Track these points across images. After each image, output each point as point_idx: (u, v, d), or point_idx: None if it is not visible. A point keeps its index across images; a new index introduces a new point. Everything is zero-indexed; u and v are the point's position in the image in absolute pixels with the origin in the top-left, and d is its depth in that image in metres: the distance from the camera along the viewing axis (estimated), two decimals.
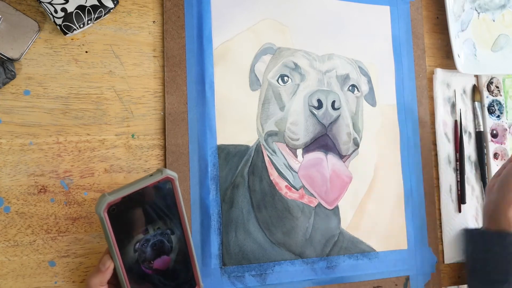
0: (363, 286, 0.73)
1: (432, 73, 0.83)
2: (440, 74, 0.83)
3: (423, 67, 0.82)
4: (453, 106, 0.85)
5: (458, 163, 0.83)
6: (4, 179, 0.59)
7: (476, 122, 0.85)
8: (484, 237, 0.73)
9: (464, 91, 0.86)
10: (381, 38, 0.80)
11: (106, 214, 0.48)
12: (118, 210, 0.49)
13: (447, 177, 0.82)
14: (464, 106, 0.85)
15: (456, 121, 0.84)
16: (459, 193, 0.82)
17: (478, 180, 0.84)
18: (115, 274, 0.53)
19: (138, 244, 0.52)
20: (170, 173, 0.51)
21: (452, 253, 0.80)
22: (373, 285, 0.74)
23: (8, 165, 0.59)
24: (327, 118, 0.73)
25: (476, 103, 0.86)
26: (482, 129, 0.85)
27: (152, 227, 0.52)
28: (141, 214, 0.51)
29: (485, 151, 0.85)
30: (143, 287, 0.53)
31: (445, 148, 0.82)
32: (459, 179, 0.82)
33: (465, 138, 0.84)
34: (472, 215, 0.82)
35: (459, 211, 0.81)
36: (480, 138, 0.85)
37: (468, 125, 0.85)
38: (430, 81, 0.83)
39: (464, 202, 0.82)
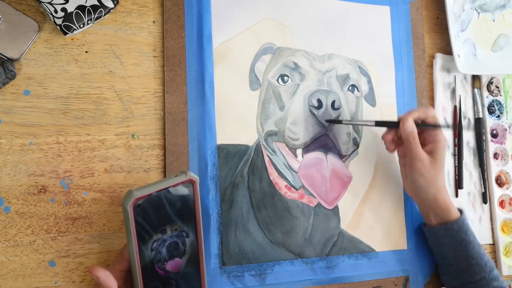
0: (363, 286, 0.73)
1: (432, 73, 0.83)
2: (440, 59, 0.84)
3: (423, 67, 0.82)
4: (453, 92, 0.85)
5: (456, 148, 0.83)
6: (4, 179, 0.59)
7: (476, 108, 0.86)
8: (434, 233, 0.74)
9: (465, 77, 0.86)
10: (381, 38, 0.80)
11: (131, 209, 0.49)
12: (142, 206, 0.50)
13: (445, 162, 0.81)
14: (464, 92, 0.86)
15: (455, 106, 0.84)
16: (456, 178, 0.82)
17: (476, 166, 0.85)
18: (122, 276, 0.54)
19: (155, 243, 0.52)
20: (193, 175, 0.53)
21: None
22: (373, 285, 0.74)
23: (8, 165, 0.60)
24: (327, 118, 0.73)
25: (476, 90, 0.86)
26: (481, 116, 0.85)
27: (170, 228, 0.53)
28: (162, 213, 0.52)
29: (484, 138, 0.85)
30: (154, 287, 0.54)
31: (444, 133, 0.82)
32: (457, 164, 0.83)
33: (464, 124, 0.85)
34: (469, 201, 0.83)
35: (456, 196, 0.82)
36: (479, 125, 0.85)
37: (467, 111, 0.86)
38: (430, 81, 0.83)
39: (461, 187, 0.82)
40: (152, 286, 0.53)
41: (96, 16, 0.62)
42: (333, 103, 0.73)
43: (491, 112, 0.87)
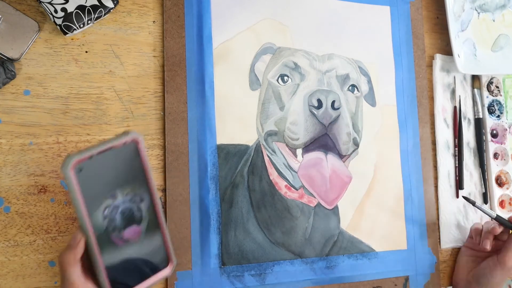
0: (363, 286, 0.73)
1: (432, 73, 0.84)
2: (440, 60, 0.84)
3: (423, 67, 0.82)
4: (453, 92, 0.85)
5: (457, 149, 0.83)
6: (4, 179, 0.59)
7: (476, 108, 0.86)
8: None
9: (464, 78, 0.86)
10: (381, 38, 0.80)
11: (73, 173, 0.46)
12: (85, 170, 0.47)
13: (446, 163, 0.82)
14: (464, 93, 0.86)
15: (455, 107, 0.84)
16: (457, 178, 0.82)
17: (477, 167, 0.85)
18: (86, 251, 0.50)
19: (107, 210, 0.49)
20: (135, 134, 0.50)
21: (448, 238, 0.80)
22: (373, 285, 0.74)
23: (8, 165, 0.60)
24: (327, 118, 0.73)
25: (476, 90, 0.86)
26: (481, 116, 0.85)
27: (121, 192, 0.50)
28: (109, 176, 0.49)
29: (484, 138, 0.85)
30: (115, 260, 0.50)
31: (444, 134, 0.83)
32: (457, 165, 0.83)
33: (464, 124, 0.85)
34: None
35: (457, 196, 0.82)
36: (479, 125, 0.85)
37: (467, 111, 0.86)
38: (430, 81, 0.83)
39: (462, 188, 0.82)
40: (111, 257, 0.50)
41: (96, 16, 0.62)
42: (333, 103, 0.73)
43: (491, 112, 0.87)
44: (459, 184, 0.82)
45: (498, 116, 0.87)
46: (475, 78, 0.86)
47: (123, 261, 0.51)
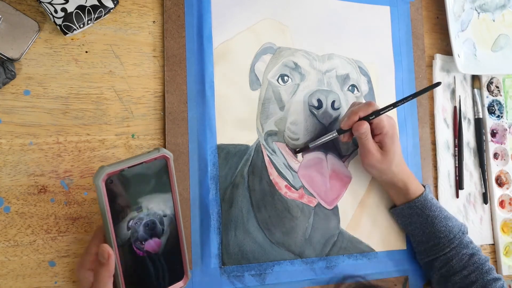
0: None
1: (432, 73, 0.84)
2: (440, 60, 0.84)
3: (423, 67, 0.82)
4: (453, 92, 0.85)
5: (457, 149, 0.83)
6: (4, 179, 0.59)
7: (476, 108, 0.86)
8: (400, 214, 0.74)
9: (464, 78, 0.86)
10: (381, 38, 0.80)
11: (104, 185, 0.48)
12: (115, 183, 0.49)
13: (446, 163, 0.82)
14: (464, 93, 0.86)
15: (455, 107, 0.84)
16: (457, 178, 0.82)
17: (477, 167, 0.85)
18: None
19: (131, 221, 0.51)
20: (166, 152, 0.52)
21: None
22: None
23: (8, 165, 0.60)
24: (327, 118, 0.73)
25: (476, 90, 0.86)
26: (481, 116, 0.86)
27: (146, 206, 0.52)
28: (137, 190, 0.51)
29: (484, 138, 0.85)
30: (133, 268, 0.52)
31: (444, 134, 0.83)
32: (457, 165, 0.83)
33: (464, 124, 0.85)
34: (470, 201, 0.83)
35: (457, 196, 0.82)
36: (479, 125, 0.85)
37: (467, 111, 0.86)
38: (430, 81, 0.83)
39: (462, 188, 0.82)
40: (131, 267, 0.52)
41: (96, 16, 0.62)
42: (333, 103, 0.73)
43: (491, 112, 0.87)
44: (459, 184, 0.82)
45: (498, 116, 0.87)
46: (475, 78, 0.86)
47: (142, 271, 0.53)
